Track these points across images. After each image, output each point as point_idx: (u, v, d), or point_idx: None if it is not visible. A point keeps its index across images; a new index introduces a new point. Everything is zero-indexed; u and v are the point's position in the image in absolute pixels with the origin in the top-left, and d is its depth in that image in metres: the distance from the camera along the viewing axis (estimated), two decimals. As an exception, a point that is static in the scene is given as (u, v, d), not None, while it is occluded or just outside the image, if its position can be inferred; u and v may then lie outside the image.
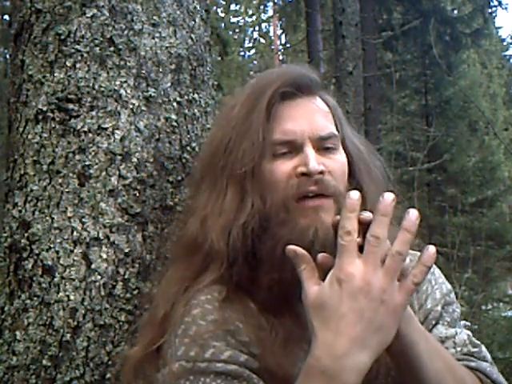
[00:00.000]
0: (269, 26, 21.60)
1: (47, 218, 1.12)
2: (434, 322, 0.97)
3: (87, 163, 1.13)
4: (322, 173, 0.89)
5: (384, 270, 0.71)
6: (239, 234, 0.89)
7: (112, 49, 1.18)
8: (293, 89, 0.94)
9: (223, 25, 17.38)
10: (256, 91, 0.96)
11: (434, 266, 1.06)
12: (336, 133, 0.96)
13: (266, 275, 0.87)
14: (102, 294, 1.09)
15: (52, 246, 1.10)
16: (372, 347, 0.72)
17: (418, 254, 1.03)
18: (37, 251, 1.11)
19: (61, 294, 1.08)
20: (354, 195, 0.74)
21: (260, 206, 0.90)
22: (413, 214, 0.74)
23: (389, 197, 0.73)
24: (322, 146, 0.93)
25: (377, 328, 0.71)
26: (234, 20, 21.12)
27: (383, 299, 0.71)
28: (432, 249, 0.75)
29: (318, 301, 0.73)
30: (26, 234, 1.13)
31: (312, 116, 0.94)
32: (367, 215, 0.75)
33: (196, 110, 1.27)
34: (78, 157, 1.13)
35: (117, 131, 1.15)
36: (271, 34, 21.58)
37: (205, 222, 0.92)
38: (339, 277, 0.72)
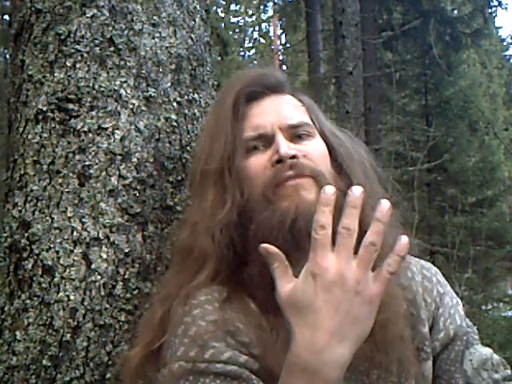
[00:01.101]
0: (269, 25, 21.60)
1: (47, 217, 1.12)
2: (465, 338, 0.97)
3: (87, 163, 1.13)
4: (294, 157, 0.90)
5: (357, 260, 0.71)
6: (222, 230, 0.90)
7: (112, 49, 1.18)
8: (257, 88, 0.97)
9: (223, 25, 17.37)
10: (222, 95, 1.01)
11: (440, 274, 1.05)
12: (308, 121, 0.97)
13: (254, 266, 0.88)
14: (102, 293, 1.09)
15: (52, 245, 1.10)
16: (351, 339, 0.71)
17: (417, 259, 1.04)
18: (37, 251, 1.11)
19: (61, 293, 1.08)
20: (329, 190, 0.73)
21: (239, 201, 0.92)
22: (384, 205, 0.73)
23: (358, 189, 0.72)
24: (295, 134, 0.95)
25: (353, 319, 0.71)
26: (234, 20, 21.13)
27: (358, 290, 0.71)
28: (405, 239, 0.74)
29: (293, 297, 0.73)
30: (26, 234, 1.12)
31: (279, 108, 0.97)
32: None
33: (196, 110, 1.27)
34: (78, 157, 1.13)
35: (117, 131, 1.15)
36: (271, 34, 21.58)
37: (195, 227, 0.94)
38: (313, 271, 0.71)
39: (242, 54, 21.05)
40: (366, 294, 0.71)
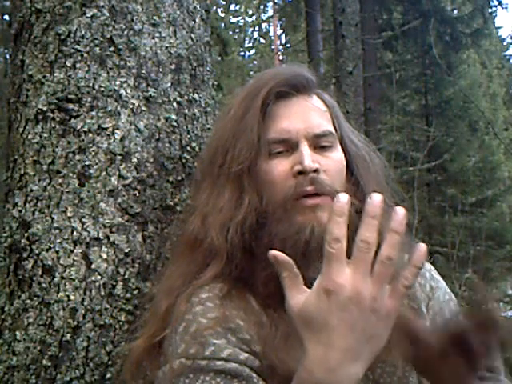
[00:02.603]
0: (269, 26, 21.59)
1: (47, 218, 1.12)
2: None
3: (87, 163, 1.13)
4: (316, 171, 0.90)
5: (374, 277, 0.67)
6: (237, 230, 0.90)
7: (112, 49, 1.18)
8: (287, 88, 0.96)
9: (223, 25, 17.37)
10: (251, 92, 0.98)
11: (434, 270, 1.05)
12: (332, 131, 0.97)
13: (262, 271, 0.88)
14: (102, 294, 1.09)
15: (52, 245, 1.10)
16: (365, 357, 0.69)
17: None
18: (37, 251, 1.11)
19: (61, 293, 1.08)
20: (343, 198, 0.68)
21: (257, 204, 0.91)
22: (399, 214, 0.67)
23: (377, 197, 0.67)
24: (318, 144, 0.94)
25: (369, 337, 0.69)
26: (234, 20, 21.12)
27: (374, 308, 0.68)
28: (423, 247, 0.70)
29: (305, 313, 0.70)
30: (26, 234, 1.13)
31: (307, 114, 0.95)
32: None
33: (196, 110, 1.27)
34: (78, 157, 1.13)
35: (117, 131, 1.15)
36: (271, 34, 21.57)
37: (206, 219, 0.93)
38: (327, 288, 0.68)
39: (242, 54, 21.05)
40: (383, 311, 0.68)
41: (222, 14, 19.27)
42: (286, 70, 1.02)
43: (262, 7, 21.31)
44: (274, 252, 0.75)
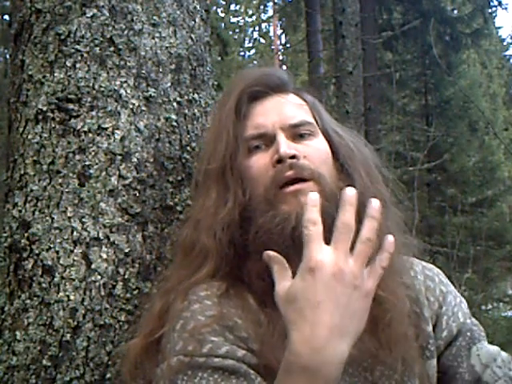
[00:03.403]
0: (269, 26, 21.58)
1: (47, 218, 1.12)
2: (469, 334, 0.98)
3: (87, 163, 1.13)
4: (294, 157, 0.91)
5: (355, 255, 0.72)
6: (223, 228, 0.92)
7: (112, 49, 1.18)
8: (260, 87, 0.98)
9: (223, 25, 17.38)
10: (226, 94, 1.02)
11: (442, 274, 1.05)
12: (310, 121, 0.98)
13: (254, 265, 0.89)
14: (102, 293, 1.09)
15: (52, 245, 1.10)
16: (350, 334, 0.71)
17: (418, 260, 1.04)
18: (37, 251, 1.11)
19: (61, 293, 1.08)
20: (314, 196, 0.74)
21: (241, 200, 0.93)
22: (375, 203, 0.74)
23: (351, 190, 0.74)
24: (296, 133, 0.96)
25: (352, 314, 0.71)
26: (234, 20, 21.11)
27: (356, 285, 0.71)
28: (390, 237, 0.76)
29: (291, 295, 0.73)
30: (26, 234, 1.12)
31: (281, 108, 0.97)
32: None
33: (196, 110, 1.27)
34: (78, 157, 1.13)
35: (117, 131, 1.15)
36: (271, 33, 21.56)
37: (198, 224, 0.95)
38: (309, 266, 0.71)
39: (242, 54, 21.05)
40: (363, 288, 0.72)
41: (222, 14, 19.28)
42: (258, 71, 1.05)
43: (262, 7, 21.31)
44: (267, 252, 0.80)
